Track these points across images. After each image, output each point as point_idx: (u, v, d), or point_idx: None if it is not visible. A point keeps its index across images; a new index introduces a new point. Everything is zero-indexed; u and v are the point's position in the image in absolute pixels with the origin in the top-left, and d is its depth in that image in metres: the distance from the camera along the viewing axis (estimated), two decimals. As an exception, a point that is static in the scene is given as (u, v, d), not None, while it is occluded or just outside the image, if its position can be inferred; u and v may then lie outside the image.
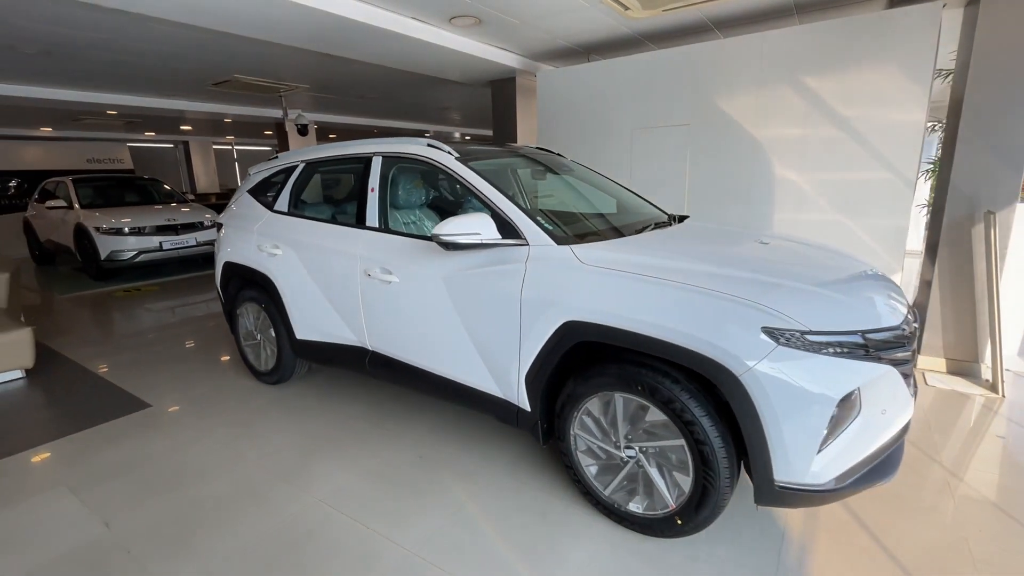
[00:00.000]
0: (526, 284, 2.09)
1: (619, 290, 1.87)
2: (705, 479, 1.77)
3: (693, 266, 1.89)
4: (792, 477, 1.64)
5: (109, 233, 7.05)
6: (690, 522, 1.85)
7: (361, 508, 2.22)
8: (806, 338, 1.61)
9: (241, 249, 3.41)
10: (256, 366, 3.58)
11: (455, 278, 2.32)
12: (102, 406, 3.28)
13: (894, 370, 1.70)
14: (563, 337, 1.98)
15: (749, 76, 3.80)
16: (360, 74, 5.88)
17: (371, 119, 11.04)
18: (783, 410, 1.59)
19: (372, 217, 2.75)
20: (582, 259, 2.02)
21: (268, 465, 2.56)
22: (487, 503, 2.23)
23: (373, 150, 2.84)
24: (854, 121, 3.47)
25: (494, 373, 2.28)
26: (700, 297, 1.73)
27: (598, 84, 4.57)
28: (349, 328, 2.90)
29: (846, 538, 1.98)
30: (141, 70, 5.64)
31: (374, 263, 2.64)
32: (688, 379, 1.80)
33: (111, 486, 2.42)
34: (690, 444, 1.77)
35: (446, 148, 2.59)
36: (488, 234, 2.13)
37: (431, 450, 2.67)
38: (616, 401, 1.95)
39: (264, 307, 3.33)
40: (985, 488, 2.27)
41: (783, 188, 3.80)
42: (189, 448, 2.75)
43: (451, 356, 2.42)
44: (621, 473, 2.01)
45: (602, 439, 2.04)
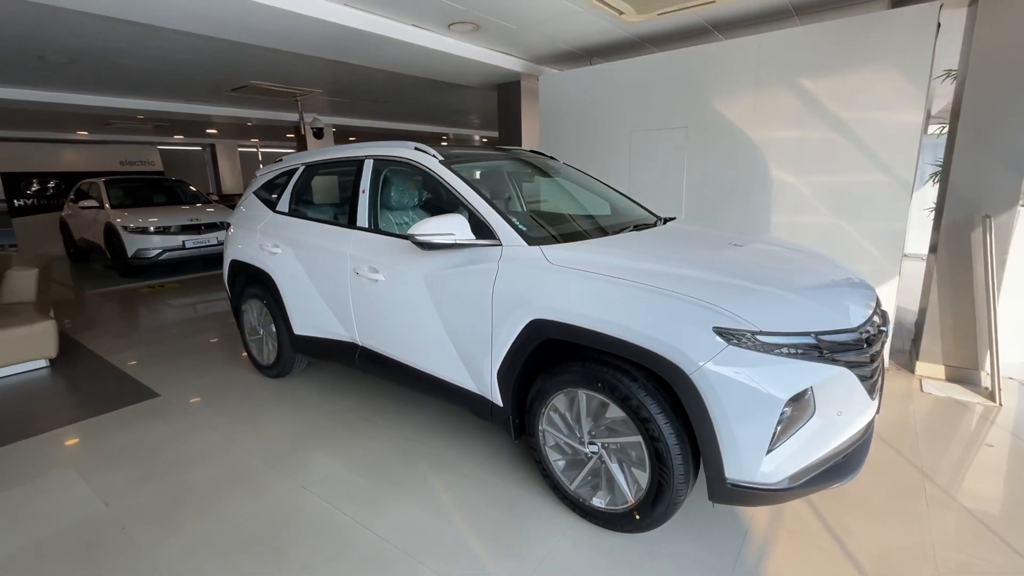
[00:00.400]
0: (498, 283, 2.16)
1: (582, 290, 1.92)
2: (660, 475, 1.81)
3: (656, 267, 1.93)
4: (743, 475, 1.67)
5: (136, 232, 7.40)
6: (647, 518, 1.89)
7: (341, 496, 2.32)
8: (757, 338, 1.63)
9: (246, 248, 3.57)
10: (259, 360, 3.74)
11: (434, 277, 2.41)
12: (115, 395, 3.48)
13: (849, 372, 1.71)
14: (530, 335, 2.05)
15: (746, 79, 3.79)
16: (369, 78, 6.05)
17: (390, 122, 11.28)
18: (733, 409, 1.62)
19: (362, 218, 2.87)
20: (550, 259, 2.08)
21: (261, 453, 2.69)
22: (461, 494, 2.31)
23: (365, 153, 2.95)
24: (851, 123, 3.43)
25: (470, 369, 2.35)
26: (657, 297, 1.77)
27: (598, 87, 4.61)
28: (341, 324, 3.01)
29: (808, 539, 1.99)
30: (162, 76, 5.93)
31: (363, 262, 2.75)
32: (646, 377, 1.84)
33: (115, 469, 2.59)
34: (646, 441, 1.81)
35: (431, 151, 2.68)
36: (462, 234, 2.21)
37: (416, 444, 2.76)
38: (580, 398, 2.00)
39: (266, 303, 3.48)
40: (964, 496, 2.24)
41: (780, 190, 3.78)
42: (190, 435, 2.90)
43: (431, 352, 2.51)
44: (585, 468, 2.06)
45: (568, 435, 2.09)
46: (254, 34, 3.99)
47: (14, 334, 3.74)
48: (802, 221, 3.72)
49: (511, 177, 3.23)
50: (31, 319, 3.88)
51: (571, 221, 2.81)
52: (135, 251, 7.36)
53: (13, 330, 3.74)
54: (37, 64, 5.17)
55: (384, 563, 1.91)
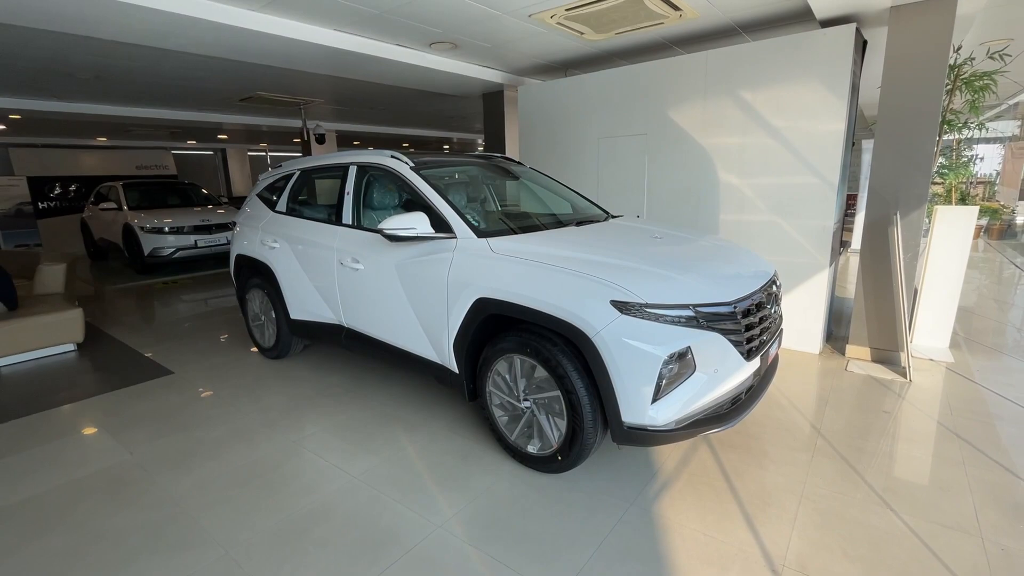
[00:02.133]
0: (452, 269, 2.60)
1: (516, 272, 2.36)
2: (574, 422, 2.23)
3: (574, 254, 2.36)
4: (636, 419, 2.09)
5: (152, 232, 7.94)
6: (567, 458, 2.32)
7: (325, 449, 2.77)
8: (645, 309, 2.06)
9: (249, 243, 4.05)
10: (261, 343, 4.21)
11: (403, 265, 2.86)
12: (136, 372, 3.97)
13: (723, 337, 2.13)
14: (477, 311, 2.49)
15: (695, 90, 4.21)
16: (366, 89, 6.53)
17: (393, 127, 11.77)
18: (625, 365, 2.05)
19: (347, 216, 3.32)
20: (494, 249, 2.52)
21: (258, 417, 3.16)
22: (423, 449, 2.75)
23: (350, 160, 3.42)
24: (784, 131, 3.83)
25: (432, 342, 2.80)
26: (571, 278, 2.20)
27: (570, 97, 5.04)
28: (329, 308, 3.47)
29: (704, 479, 2.40)
30: (178, 90, 6.47)
31: (346, 254, 3.21)
32: (565, 344, 2.27)
33: (137, 428, 3.06)
34: (564, 394, 2.24)
35: (404, 159, 3.13)
36: (422, 228, 2.66)
37: (392, 410, 3.21)
38: (516, 362, 2.43)
39: (266, 292, 3.95)
40: (847, 450, 2.64)
41: (727, 192, 4.18)
42: (199, 404, 3.38)
43: (402, 329, 2.95)
44: (522, 420, 2.49)
45: (508, 394, 2.53)
46: (259, 55, 4.48)
47: (46, 320, 4.25)
48: (746, 219, 4.12)
49: (479, 181, 3.68)
50: (61, 307, 4.39)
51: (521, 217, 3.24)
52: (151, 250, 7.90)
53: (45, 316, 4.25)
54: (66, 80, 5.71)
55: (354, 495, 2.36)
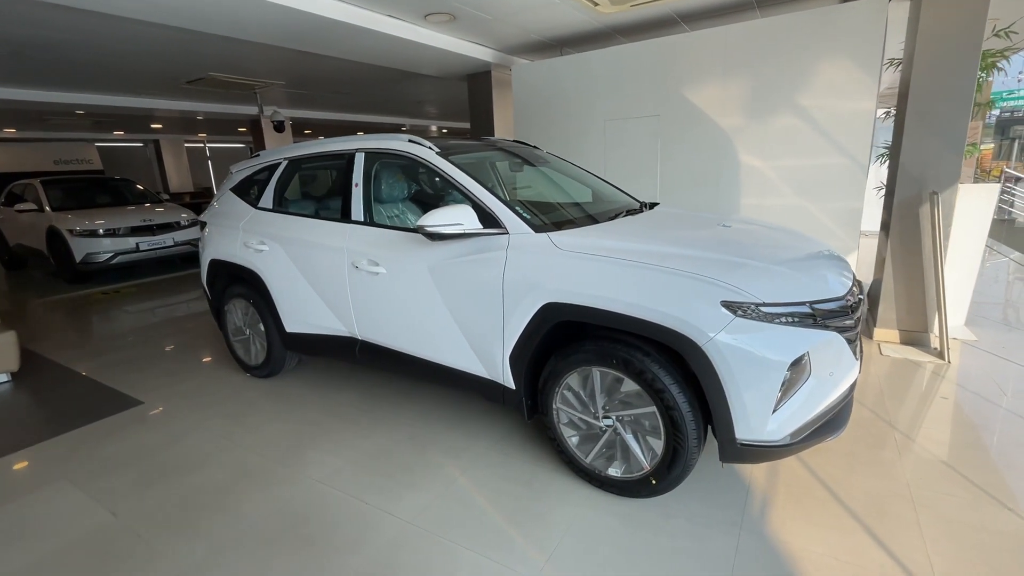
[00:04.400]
0: (507, 270, 2.23)
1: (593, 272, 2.02)
2: (675, 441, 1.95)
3: (661, 248, 2.06)
4: (751, 435, 1.83)
5: (83, 235, 6.97)
6: (663, 481, 2.03)
7: (357, 486, 2.35)
8: (760, 310, 1.79)
9: (226, 246, 3.47)
10: (246, 360, 3.66)
11: (440, 267, 2.45)
12: (93, 405, 3.33)
13: (839, 336, 1.90)
14: (543, 318, 2.14)
15: (714, 68, 3.99)
16: (335, 70, 5.92)
17: (347, 114, 11.01)
18: (741, 375, 1.77)
19: (357, 211, 2.86)
20: (559, 245, 2.17)
21: (263, 452, 2.67)
22: (476, 476, 2.39)
23: (356, 146, 2.94)
24: (810, 110, 3.68)
25: (480, 355, 2.42)
26: (667, 276, 1.90)
27: (571, 77, 4.71)
28: (338, 319, 3.00)
29: (803, 490, 2.19)
30: (112, 69, 5.58)
31: (361, 255, 2.76)
32: (657, 351, 1.97)
33: (112, 478, 2.51)
34: (661, 410, 1.95)
35: (426, 143, 2.71)
36: (470, 224, 2.27)
37: (420, 431, 2.81)
38: (594, 375, 2.11)
39: (252, 302, 3.41)
40: (928, 443, 2.51)
41: (748, 175, 4.01)
42: (184, 440, 2.84)
43: (438, 341, 2.55)
44: (600, 441, 2.18)
45: (582, 411, 2.20)
46: (219, 23, 3.84)
47: (-29, 348, 3.51)
48: (769, 203, 3.96)
49: (503, 167, 3.30)
50: (-12, 331, 3.64)
51: (566, 208, 2.90)
52: (83, 256, 6.93)
53: (-30, 343, 3.51)
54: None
55: (414, 545, 1.97)
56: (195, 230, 7.96)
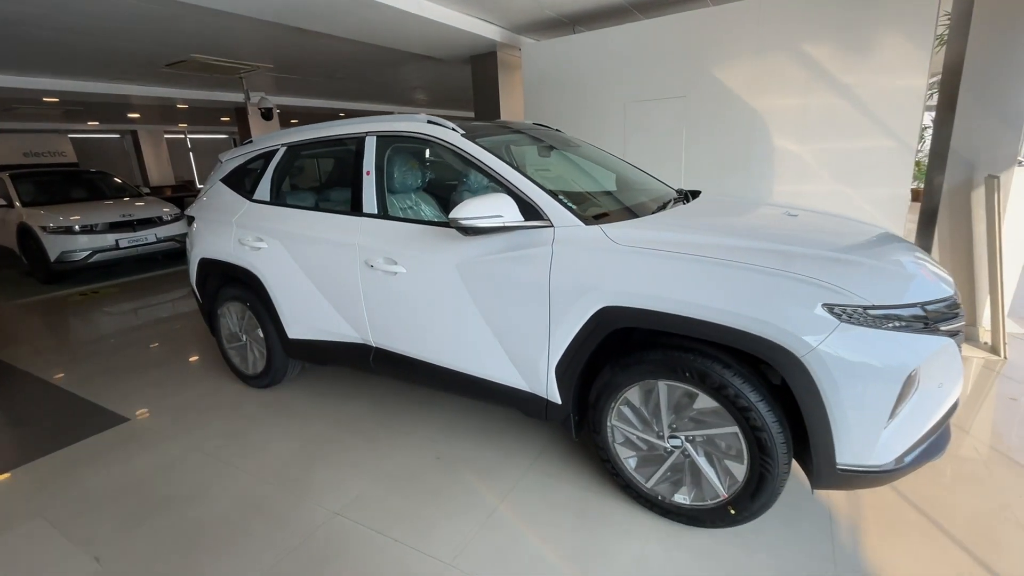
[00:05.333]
0: (554, 269, 1.93)
1: (661, 271, 1.73)
2: (763, 467, 1.67)
3: (738, 242, 1.77)
4: (855, 460, 1.57)
5: (58, 232, 6.50)
6: (745, 511, 1.77)
7: (382, 517, 2.05)
8: (868, 313, 1.52)
9: (218, 244, 3.12)
10: (242, 369, 3.32)
11: (471, 266, 2.14)
12: (71, 423, 2.98)
13: (952, 342, 1.64)
14: (599, 324, 1.84)
15: (746, 44, 3.69)
16: (329, 51, 5.51)
17: (335, 101, 10.53)
18: (849, 391, 1.50)
19: (369, 203, 2.53)
20: (615, 239, 1.87)
21: (271, 477, 2.36)
22: (519, 503, 2.10)
23: (366, 130, 2.60)
24: (855, 88, 3.41)
25: (519, 366, 2.13)
26: (752, 274, 1.61)
27: (588, 56, 4.38)
28: (349, 324, 2.68)
29: (894, 515, 1.94)
30: (84, 50, 5.11)
31: (376, 253, 2.43)
32: (739, 362, 1.69)
33: (95, 514, 2.17)
34: (745, 431, 1.67)
35: (449, 124, 2.39)
36: (511, 216, 1.96)
37: (446, 448, 2.52)
38: (659, 389, 1.83)
39: (249, 305, 3.07)
40: (1012, 451, 2.28)
41: (783, 159, 3.74)
42: (178, 465, 2.51)
43: (468, 350, 2.25)
44: (665, 464, 1.90)
45: (643, 429, 1.92)
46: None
47: (-70, 361, 3.12)
48: (807, 190, 3.70)
49: (530, 152, 2.98)
50: (-50, 342, 3.25)
51: (605, 198, 2.60)
52: (59, 254, 6.47)
53: (-71, 356, 3.12)
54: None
55: (460, 594, 1.68)
56: (179, 225, 7.52)
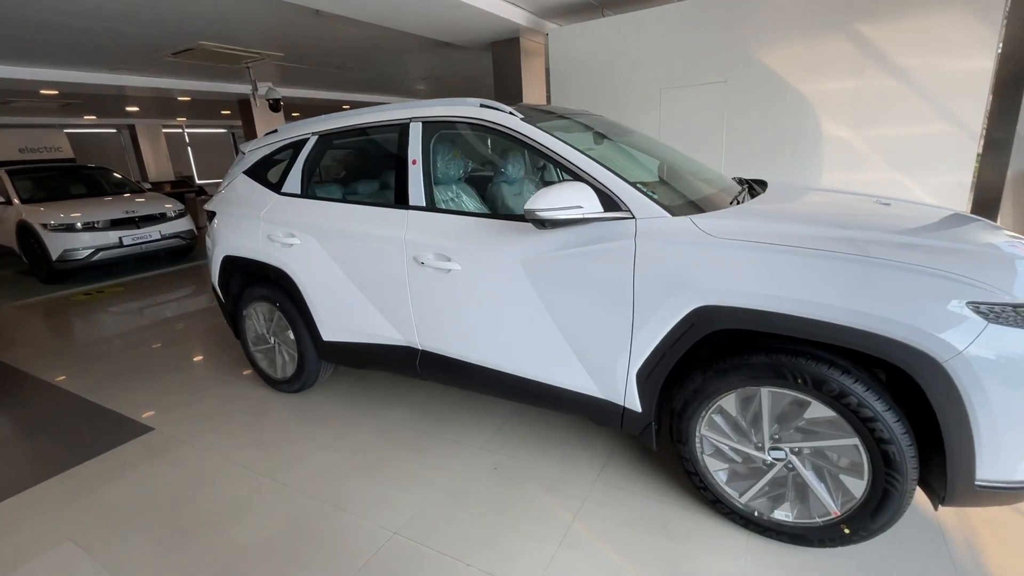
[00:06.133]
0: (639, 265, 1.75)
1: (771, 266, 1.56)
2: (888, 482, 1.51)
3: (853, 234, 1.60)
4: (997, 475, 1.40)
5: (59, 230, 6.28)
6: (862, 530, 1.60)
7: (449, 538, 1.87)
8: (1019, 312, 1.35)
9: (244, 240, 2.92)
10: (270, 374, 3.13)
11: (538, 262, 1.96)
12: (92, 433, 2.79)
13: (1099, 342, 1.47)
14: (695, 326, 1.67)
15: (793, 26, 3.51)
16: (343, 38, 5.28)
17: (337, 92, 10.25)
18: (998, 400, 1.34)
19: (416, 194, 2.34)
20: (709, 231, 1.69)
21: (317, 493, 2.18)
22: (593, 520, 1.93)
23: (410, 115, 2.41)
24: (913, 71, 3.24)
25: (592, 370, 1.95)
26: (884, 270, 1.44)
27: (620, 41, 4.18)
28: (392, 325, 2.50)
29: (1011, 527, 1.78)
30: (88, 36, 4.85)
31: (426, 248, 2.24)
32: (858, 367, 1.52)
33: (130, 537, 1.99)
34: (868, 443, 1.50)
35: (506, 108, 2.20)
36: (591, 207, 1.78)
37: (502, 458, 2.34)
38: (761, 396, 1.66)
39: (279, 306, 2.88)
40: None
41: (833, 146, 3.56)
42: (214, 479, 2.32)
43: (532, 353, 2.08)
44: (764, 478, 1.73)
45: (739, 440, 1.76)
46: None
47: (-63, 369, 2.92)
48: (858, 178, 3.53)
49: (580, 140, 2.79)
50: (-43, 347, 3.05)
51: (674, 187, 2.40)
52: (61, 253, 6.25)
53: (-65, 364, 2.91)
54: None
55: (551, 627, 1.51)
56: (183, 221, 7.31)
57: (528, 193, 2.92)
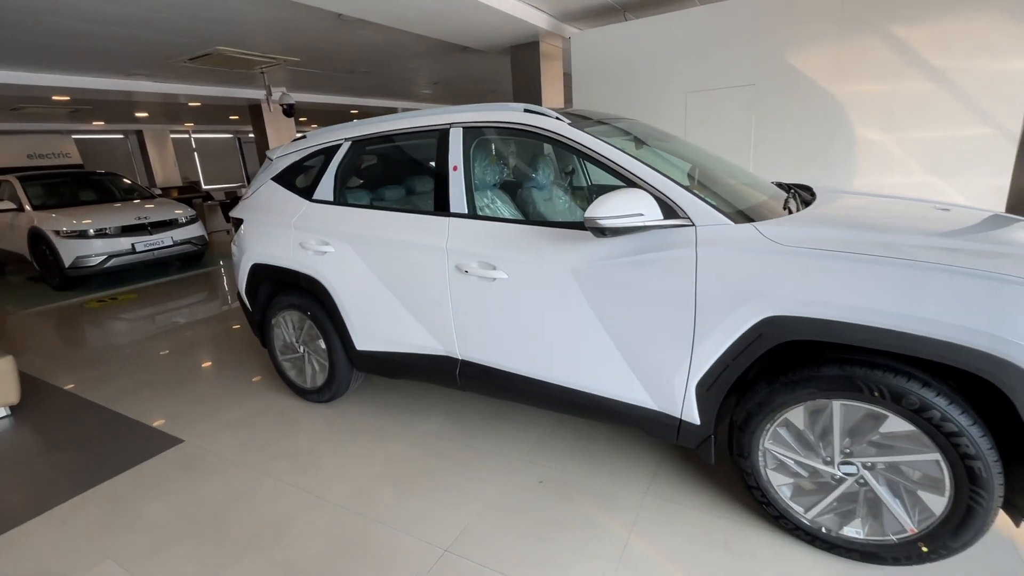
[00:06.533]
0: (701, 274, 1.70)
1: (848, 275, 1.50)
2: (971, 499, 1.45)
3: (934, 242, 1.55)
4: (1091, 491, 1.35)
5: (71, 236, 6.25)
6: (941, 548, 1.54)
7: (504, 558, 1.82)
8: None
9: (274, 248, 2.88)
10: (299, 383, 3.08)
11: (591, 271, 1.91)
12: (119, 446, 2.73)
13: None
14: (762, 336, 1.62)
15: (825, 28, 3.47)
16: (361, 43, 5.25)
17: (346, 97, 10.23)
18: (1095, 413, 1.29)
19: (458, 201, 2.29)
20: (775, 239, 1.65)
21: (360, 507, 2.12)
22: (650, 535, 1.88)
23: (449, 120, 2.36)
24: (952, 73, 3.20)
25: (647, 382, 1.90)
26: (965, 279, 1.38)
27: (645, 44, 4.15)
28: (431, 334, 2.45)
29: (1087, 544, 1.73)
30: (104, 42, 4.82)
31: (470, 257, 2.20)
32: (938, 379, 1.47)
33: (168, 554, 1.93)
34: (951, 459, 1.45)
35: (552, 113, 2.15)
36: (652, 214, 1.73)
37: (547, 470, 2.29)
38: (833, 409, 1.60)
39: (310, 315, 2.83)
40: None
41: (866, 150, 3.52)
42: (251, 494, 2.27)
43: (582, 363, 2.02)
44: (833, 493, 1.68)
45: (806, 454, 1.70)
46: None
47: (-39, 380, 2.87)
48: (892, 182, 3.49)
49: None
50: (-19, 358, 3.00)
51: (732, 192, 2.33)
52: (74, 259, 6.21)
53: (-41, 375, 2.87)
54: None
55: (622, 651, 1.46)
56: (195, 227, 7.27)
57: (557, 199, 2.88)
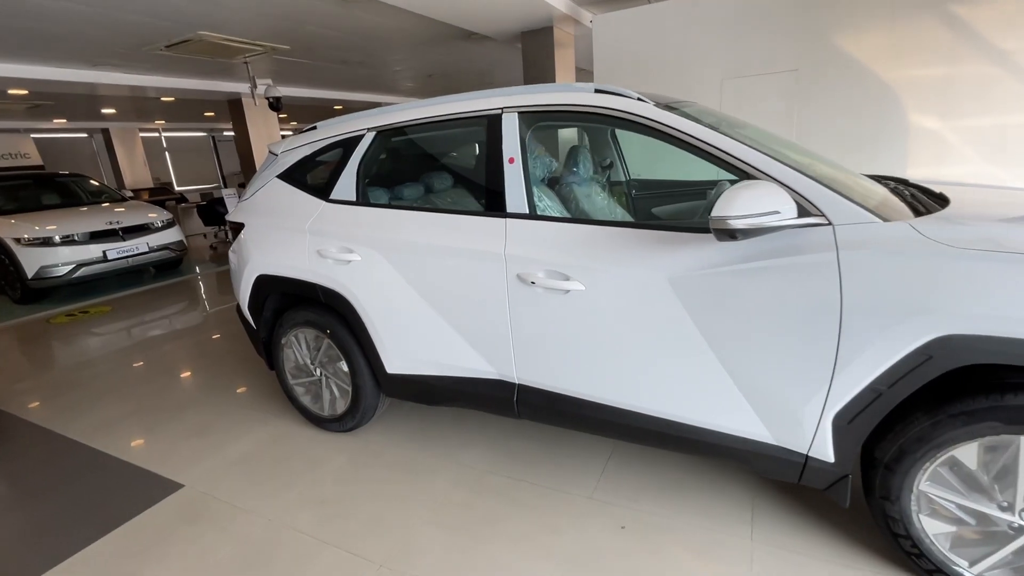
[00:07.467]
0: (847, 282, 1.40)
1: (1048, 284, 1.22)
2: None
3: None
4: None
5: (34, 244, 5.67)
6: None
7: (604, 632, 1.49)
8: None
9: (285, 257, 2.48)
10: (315, 410, 2.69)
11: (694, 280, 1.59)
12: (108, 494, 2.31)
13: None
14: (932, 359, 1.32)
15: (877, 9, 3.22)
16: (358, 28, 4.83)
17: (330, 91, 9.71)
18: None
19: (516, 199, 1.95)
20: (944, 240, 1.35)
21: (408, 568, 1.76)
22: (774, 595, 1.57)
23: (503, 104, 2.01)
24: (1015, 55, 2.98)
25: (765, 412, 1.59)
26: None
27: (676, 28, 3.85)
28: (481, 355, 2.10)
29: None
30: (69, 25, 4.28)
31: (536, 265, 1.85)
32: None
33: (185, 645, 1.55)
34: None
35: (632, 94, 1.83)
36: (788, 212, 1.42)
37: (626, 511, 1.97)
38: (1021, 447, 1.32)
39: (330, 333, 2.45)
40: None
41: (920, 138, 3.30)
42: (272, 554, 1.88)
43: (680, 390, 1.71)
44: (1011, 545, 1.40)
45: (974, 498, 1.41)
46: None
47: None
48: (947, 172, 3.27)
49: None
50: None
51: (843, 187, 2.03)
52: (37, 270, 5.64)
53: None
54: None
55: None
56: (172, 232, 6.74)
57: (596, 195, 2.58)
